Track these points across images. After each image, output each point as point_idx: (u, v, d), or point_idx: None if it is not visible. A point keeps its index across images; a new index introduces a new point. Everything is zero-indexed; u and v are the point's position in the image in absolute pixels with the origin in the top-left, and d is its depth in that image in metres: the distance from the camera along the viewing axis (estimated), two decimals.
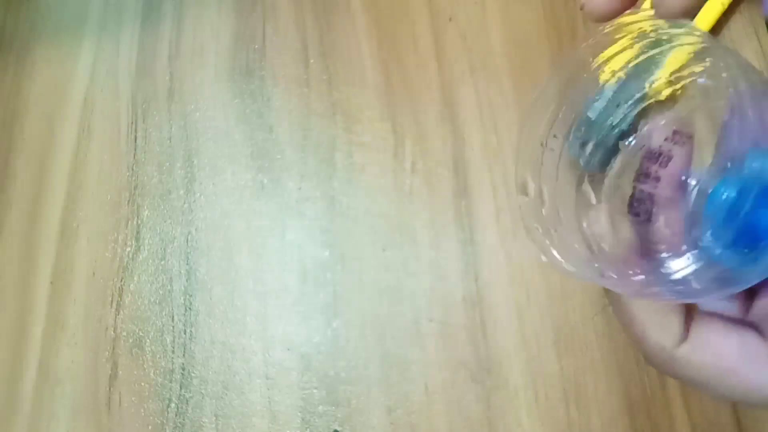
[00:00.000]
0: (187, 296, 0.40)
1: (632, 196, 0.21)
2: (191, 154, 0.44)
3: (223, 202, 0.42)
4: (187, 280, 0.40)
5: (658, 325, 0.22)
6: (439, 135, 0.41)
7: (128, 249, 0.42)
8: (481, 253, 0.38)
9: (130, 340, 0.39)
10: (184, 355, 0.39)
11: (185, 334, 0.39)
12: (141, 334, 0.39)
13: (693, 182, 0.20)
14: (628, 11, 0.22)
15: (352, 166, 0.42)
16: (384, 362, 0.37)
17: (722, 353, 0.21)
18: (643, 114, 0.21)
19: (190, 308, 0.40)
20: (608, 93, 0.21)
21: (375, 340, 0.38)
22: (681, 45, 0.21)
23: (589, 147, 0.21)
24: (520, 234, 0.38)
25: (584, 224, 0.22)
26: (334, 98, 0.44)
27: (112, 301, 0.40)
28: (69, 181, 0.44)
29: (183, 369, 0.38)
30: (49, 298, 0.41)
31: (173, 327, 0.39)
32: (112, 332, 0.40)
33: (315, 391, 0.37)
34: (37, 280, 0.41)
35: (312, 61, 0.46)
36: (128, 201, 0.43)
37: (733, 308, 0.24)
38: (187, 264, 0.41)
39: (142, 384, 0.38)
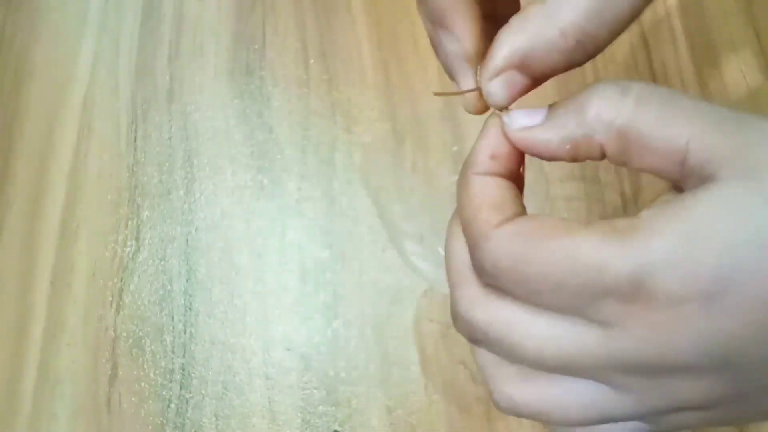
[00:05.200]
0: (187, 296, 0.40)
1: None
2: (191, 154, 0.44)
3: (223, 202, 0.42)
4: (187, 280, 0.40)
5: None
6: (439, 135, 0.41)
7: (128, 249, 0.42)
8: None
9: (130, 340, 0.39)
10: (184, 355, 0.39)
11: (185, 334, 0.39)
12: (141, 334, 0.39)
13: None
14: None
15: (352, 166, 0.42)
16: (384, 362, 0.37)
17: None
18: None
19: (190, 308, 0.40)
20: None
21: (375, 340, 0.38)
22: None
23: None
24: None
25: None
26: (334, 98, 0.44)
27: (112, 301, 0.40)
28: (69, 181, 0.44)
29: (183, 369, 0.38)
30: (49, 298, 0.41)
31: (173, 327, 0.39)
32: (112, 332, 0.40)
33: (315, 391, 0.37)
34: (37, 280, 0.41)
35: (312, 61, 0.45)
36: (128, 201, 0.43)
37: None
38: (187, 264, 0.41)
39: (142, 384, 0.38)
